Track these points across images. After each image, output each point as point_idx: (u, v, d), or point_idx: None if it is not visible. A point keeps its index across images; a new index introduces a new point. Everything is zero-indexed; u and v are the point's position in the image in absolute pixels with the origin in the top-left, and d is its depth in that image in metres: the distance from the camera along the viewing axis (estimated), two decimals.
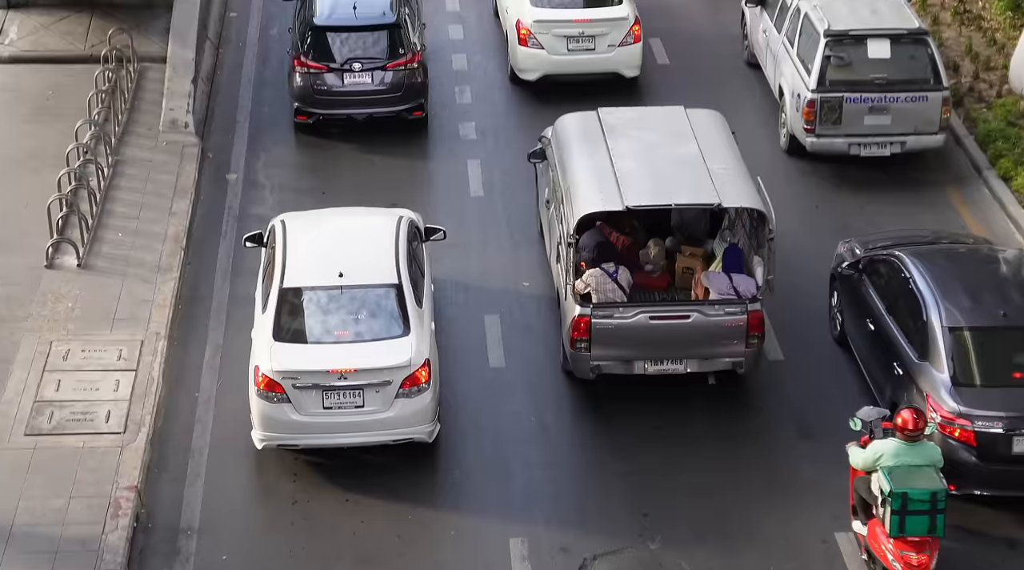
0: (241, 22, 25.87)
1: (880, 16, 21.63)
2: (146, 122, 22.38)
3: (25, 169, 21.01)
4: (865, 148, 21.17)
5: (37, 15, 24.72)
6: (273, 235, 17.05)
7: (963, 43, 24.57)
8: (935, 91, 20.99)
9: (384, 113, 22.22)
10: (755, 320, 16.44)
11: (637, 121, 18.57)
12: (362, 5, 22.53)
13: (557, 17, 23.24)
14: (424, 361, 15.60)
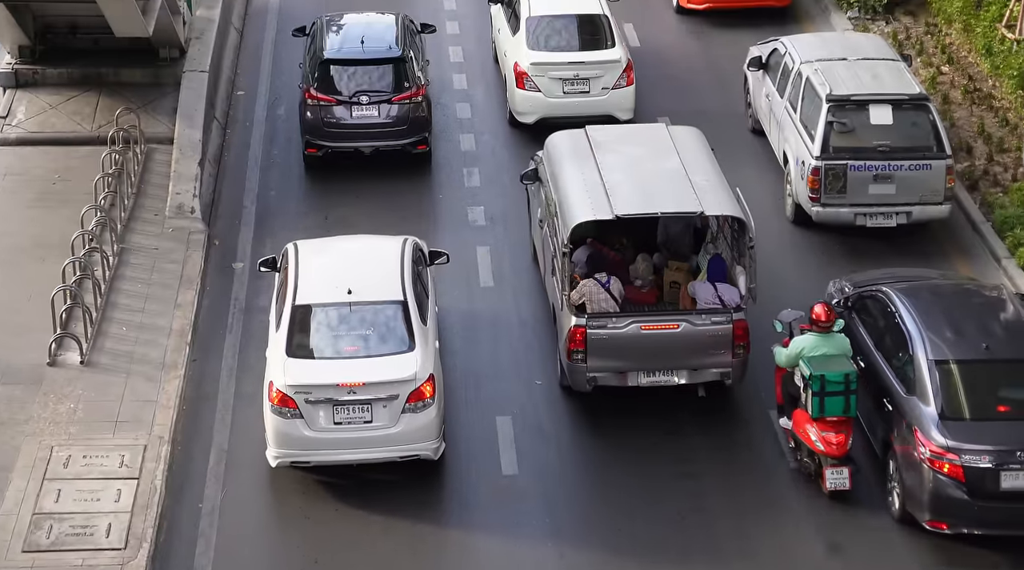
0: (248, 101, 25.74)
1: (881, 81, 21.63)
2: (152, 206, 22.23)
3: (30, 257, 20.86)
4: (871, 218, 21.08)
5: (45, 95, 24.60)
6: (286, 258, 18.10)
7: (975, 123, 24.33)
8: (939, 159, 20.94)
9: (390, 146, 23.08)
10: (740, 329, 17.38)
11: (623, 137, 20.03)
12: (369, 39, 23.50)
13: (553, 60, 24.03)
14: (429, 376, 16.54)
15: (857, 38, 24.74)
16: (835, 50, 22.80)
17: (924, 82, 25.15)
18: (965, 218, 22.02)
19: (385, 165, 23.21)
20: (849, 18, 27.86)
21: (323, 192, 22.91)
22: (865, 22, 27.81)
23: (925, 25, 27.50)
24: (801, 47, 22.93)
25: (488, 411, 18.21)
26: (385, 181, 22.80)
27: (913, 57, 25.43)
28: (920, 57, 26.43)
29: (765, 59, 23.65)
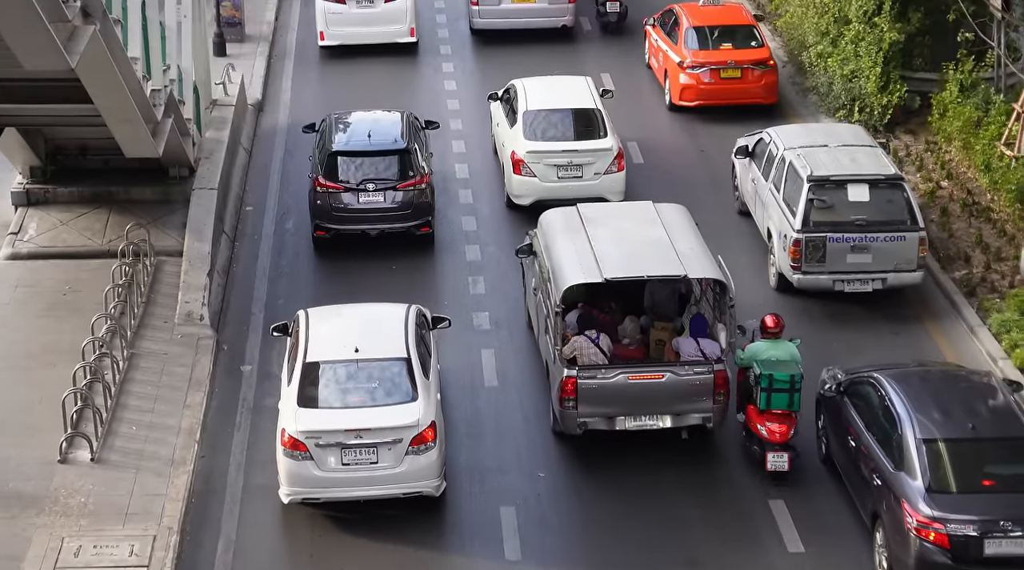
0: (257, 215, 26.18)
1: (859, 164, 23.12)
2: (162, 315, 22.52)
3: (41, 363, 21.10)
4: (849, 284, 22.55)
5: (56, 212, 25.05)
6: (297, 323, 19.35)
7: (973, 234, 24.71)
8: (912, 231, 22.41)
9: (395, 229, 24.36)
10: (720, 379, 18.72)
11: (612, 213, 21.58)
12: (376, 133, 24.95)
13: (548, 148, 25.48)
14: (431, 423, 17.73)
15: (838, 127, 26.13)
16: (817, 138, 24.41)
17: (923, 196, 25.86)
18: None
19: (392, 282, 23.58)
20: None
21: (332, 300, 23.14)
22: None
23: (925, 143, 28.00)
24: (785, 136, 24.48)
25: (492, 502, 18.41)
26: (392, 289, 23.11)
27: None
28: (920, 172, 26.93)
29: (751, 148, 25.14)
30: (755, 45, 30.12)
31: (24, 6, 15.46)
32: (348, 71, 32.74)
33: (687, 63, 29.66)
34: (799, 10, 30.60)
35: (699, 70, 29.54)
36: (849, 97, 28.25)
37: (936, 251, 24.18)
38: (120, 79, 19.94)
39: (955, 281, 23.34)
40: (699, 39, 29.97)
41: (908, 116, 28.93)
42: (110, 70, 19.50)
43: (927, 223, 24.77)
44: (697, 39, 29.96)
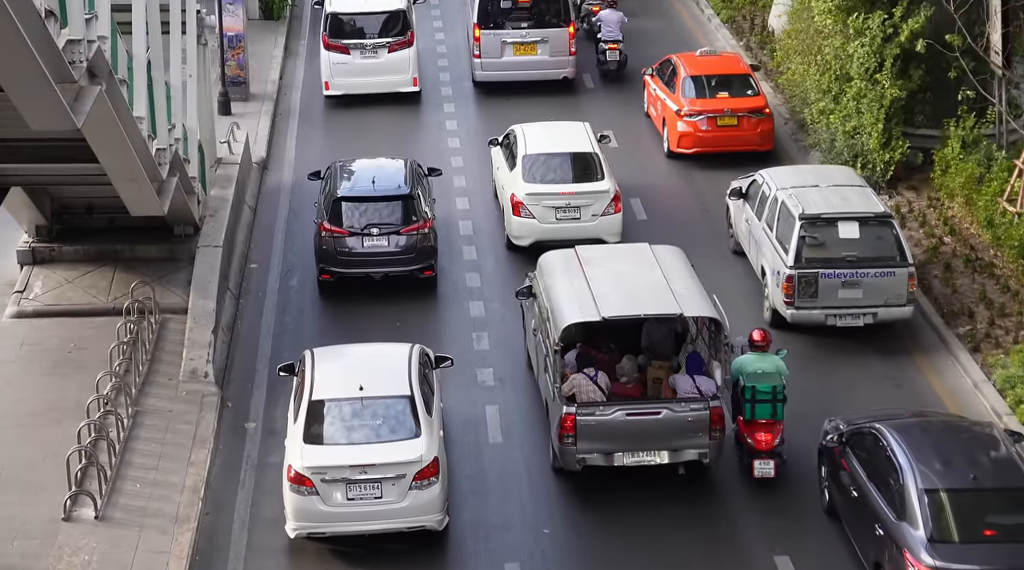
0: (262, 273, 26.29)
1: (849, 202, 23.88)
2: (167, 372, 22.59)
3: (46, 421, 21.15)
4: (840, 319, 23.25)
5: (62, 270, 25.17)
6: (303, 363, 19.80)
7: (977, 290, 24.75)
8: (901, 267, 23.15)
9: (398, 272, 24.92)
10: (716, 415, 19.18)
11: (609, 255, 22.21)
12: (380, 179, 25.57)
13: (547, 190, 26.19)
14: (433, 458, 18.21)
15: (828, 169, 26.84)
16: (808, 178, 25.12)
17: (926, 251, 26.02)
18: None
19: (395, 338, 23.36)
20: None
21: None
22: None
23: (928, 199, 28.08)
24: (777, 177, 25.19)
25: (497, 559, 18.44)
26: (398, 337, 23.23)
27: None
28: (923, 228, 27.02)
29: (745, 189, 25.86)
30: (751, 94, 30.74)
31: (31, 67, 15.59)
32: (352, 122, 33.05)
33: (684, 111, 30.31)
34: (800, 68, 30.79)
35: (696, 118, 30.21)
36: (851, 153, 28.37)
37: (940, 307, 24.27)
38: (126, 138, 20.08)
39: (959, 337, 23.39)
40: (696, 88, 30.60)
41: (910, 172, 29.02)
42: (116, 130, 19.65)
43: (930, 279, 25.03)
44: (694, 88, 30.58)
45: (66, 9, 16.64)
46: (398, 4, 34.26)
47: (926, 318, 24.09)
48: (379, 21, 34.09)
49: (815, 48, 30.25)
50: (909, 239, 26.30)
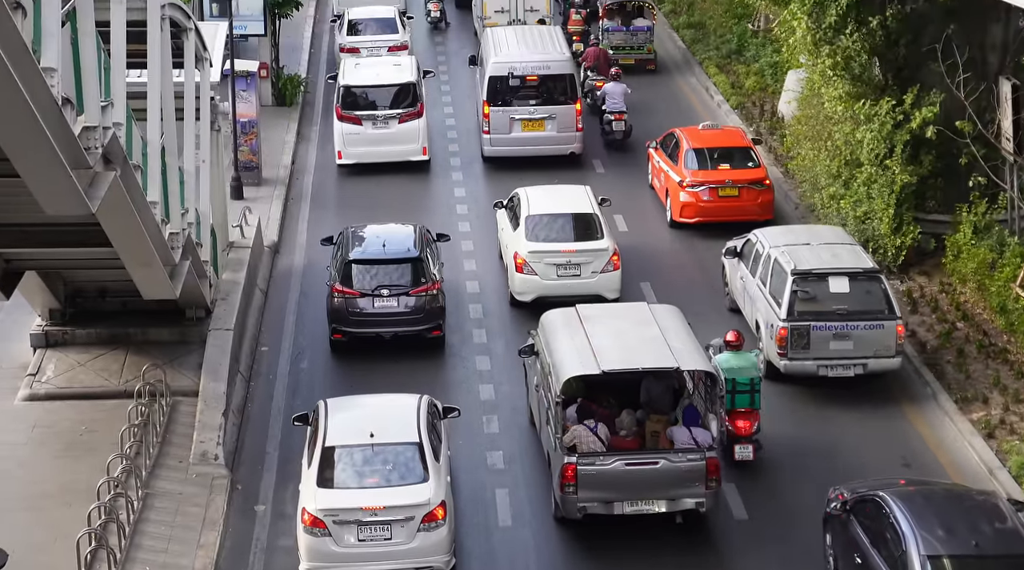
0: (272, 356, 26.37)
1: (839, 258, 24.85)
2: (177, 454, 22.60)
3: (57, 503, 21.14)
4: (832, 369, 24.14)
5: (74, 353, 25.25)
6: (317, 413, 20.71)
7: (991, 376, 24.72)
8: (890, 320, 24.03)
9: (407, 332, 25.77)
10: (712, 465, 19.90)
11: (608, 313, 23.08)
12: (390, 243, 26.57)
13: (548, 248, 27.33)
14: (440, 502, 19.06)
15: (819, 228, 27.81)
16: (800, 237, 26.15)
17: (939, 337, 26.07)
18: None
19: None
20: None
21: None
22: None
23: (940, 284, 28.12)
24: (770, 236, 26.27)
25: None
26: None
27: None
28: (935, 313, 27.06)
29: (739, 249, 26.90)
30: (752, 165, 31.64)
31: (47, 154, 15.74)
32: (363, 191, 34.02)
33: (687, 182, 31.20)
34: (811, 153, 30.98)
35: (698, 189, 31.10)
36: (862, 238, 28.47)
37: (953, 393, 24.23)
38: (139, 223, 20.24)
39: (973, 423, 23.31)
40: (698, 160, 31.54)
41: (922, 257, 29.10)
42: (130, 214, 19.81)
43: (943, 365, 25.02)
44: (696, 160, 31.53)
45: (83, 97, 16.85)
46: (408, 77, 35.65)
47: (939, 404, 24.05)
48: (390, 94, 35.43)
49: (825, 134, 30.51)
50: (922, 324, 26.46)
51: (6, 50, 13.78)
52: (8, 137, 15.38)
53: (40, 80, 14.96)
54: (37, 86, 14.89)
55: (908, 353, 25.35)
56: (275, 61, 40.96)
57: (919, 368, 25.06)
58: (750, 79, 40.45)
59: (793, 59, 33.75)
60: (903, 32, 28.85)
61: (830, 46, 29.09)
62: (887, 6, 28.71)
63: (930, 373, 24.79)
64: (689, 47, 44.61)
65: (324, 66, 44.58)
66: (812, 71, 30.98)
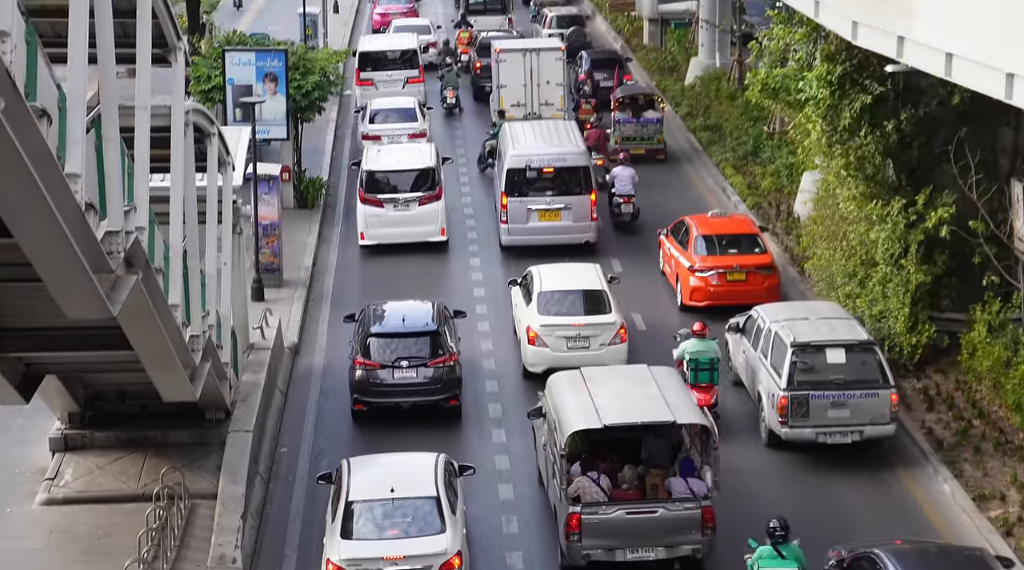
0: (291, 457, 26.46)
1: (836, 331, 26.02)
2: (195, 558, 22.57)
3: None
4: (830, 436, 25.26)
5: (93, 456, 25.31)
6: (340, 471, 22.03)
7: (1007, 473, 24.69)
8: (884, 389, 25.20)
9: (425, 402, 27.02)
10: (708, 514, 21.19)
11: (611, 374, 24.57)
12: (409, 318, 28.02)
13: (559, 322, 28.70)
14: (457, 551, 20.35)
15: (817, 304, 29.28)
16: (799, 312, 27.43)
17: (956, 434, 26.11)
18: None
19: None
20: None
21: None
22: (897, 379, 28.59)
23: (956, 382, 28.18)
24: (771, 312, 27.51)
25: None
26: None
27: None
28: (951, 411, 27.10)
29: (741, 325, 28.10)
30: (759, 251, 32.98)
31: (70, 258, 15.94)
32: (384, 272, 35.39)
33: (697, 267, 32.59)
34: (826, 253, 31.19)
35: (707, 273, 32.44)
36: (878, 337, 28.56)
37: (970, 490, 24.20)
38: (160, 326, 20.42)
39: (991, 521, 23.26)
40: (707, 246, 32.94)
41: (937, 355, 29.17)
42: (151, 318, 19.98)
43: (960, 462, 25.01)
44: (706, 246, 32.93)
45: (106, 202, 17.09)
46: (428, 162, 37.66)
47: (956, 501, 24.02)
48: (411, 178, 37.37)
49: (840, 234, 30.73)
50: (938, 422, 26.52)
51: (31, 157, 14.02)
52: (31, 242, 15.58)
53: (64, 186, 15.21)
54: (61, 192, 15.14)
55: (925, 450, 25.56)
56: (297, 164, 41.47)
57: (936, 467, 25.07)
58: (766, 180, 40.80)
59: (808, 161, 34.08)
60: (916, 134, 29.16)
61: (844, 148, 29.47)
62: (900, 109, 29.06)
63: (947, 470, 24.81)
64: (706, 149, 45.06)
65: (345, 171, 45.06)
66: (827, 172, 31.32)
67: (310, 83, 40.48)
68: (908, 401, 27.51)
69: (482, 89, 51.92)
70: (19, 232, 15.28)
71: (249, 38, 44.06)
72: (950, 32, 22.30)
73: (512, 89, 45.39)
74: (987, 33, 20.91)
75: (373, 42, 54.87)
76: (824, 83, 29.24)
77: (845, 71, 29.11)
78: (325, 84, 41.55)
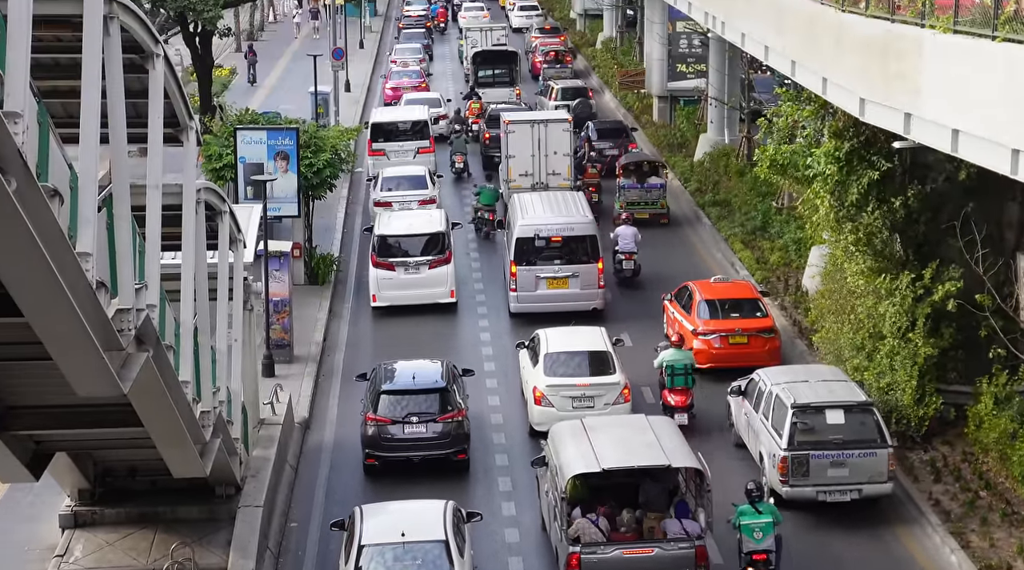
0: (301, 532, 26.47)
1: (835, 393, 26.74)
2: None
3: None
4: (830, 495, 25.87)
5: (103, 533, 25.31)
6: (353, 516, 22.92)
7: (1014, 545, 24.64)
8: (882, 448, 25.82)
9: (435, 456, 27.92)
10: (701, 553, 22.21)
11: (610, 423, 25.72)
12: (419, 375, 28.93)
13: (564, 383, 29.54)
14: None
15: (816, 367, 29.96)
16: (799, 375, 28.09)
17: (963, 506, 26.11)
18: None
19: None
20: None
21: None
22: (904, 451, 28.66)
23: (962, 454, 28.22)
24: (772, 375, 28.15)
25: None
26: None
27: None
28: (958, 482, 27.13)
29: (743, 388, 28.69)
30: (760, 315, 33.76)
31: (81, 336, 16.03)
32: (395, 333, 36.18)
33: (700, 330, 33.32)
34: (835, 326, 31.33)
35: (711, 336, 33.21)
36: (886, 409, 28.63)
37: (977, 561, 24.17)
38: (171, 403, 20.52)
39: None
40: (710, 310, 33.77)
41: (944, 427, 29.20)
42: (161, 395, 20.09)
43: (967, 533, 25.01)
44: (708, 310, 33.74)
45: (117, 279, 17.20)
46: (438, 227, 38.95)
47: None
48: (421, 242, 38.64)
49: (848, 307, 30.88)
50: (945, 493, 26.53)
51: (43, 237, 14.18)
52: (42, 321, 15.69)
53: (75, 265, 15.32)
54: (72, 271, 15.26)
55: (932, 521, 25.63)
56: (308, 241, 41.72)
57: (943, 537, 25.06)
58: (775, 254, 41.01)
59: (816, 235, 34.36)
60: (923, 209, 29.38)
61: (852, 223, 29.68)
62: (907, 185, 29.30)
63: (954, 541, 24.79)
64: (715, 224, 45.32)
65: (356, 247, 45.41)
66: (835, 247, 31.52)
67: (321, 161, 40.82)
68: (915, 473, 27.56)
69: (491, 158, 53.19)
70: (30, 311, 15.41)
71: (261, 116, 44.46)
72: (956, 109, 22.54)
73: (520, 159, 46.30)
74: (992, 110, 21.15)
75: (385, 114, 55.98)
76: (832, 159, 29.52)
77: (853, 147, 29.41)
78: (336, 162, 41.91)
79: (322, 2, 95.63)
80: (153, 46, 18.34)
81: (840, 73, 28.01)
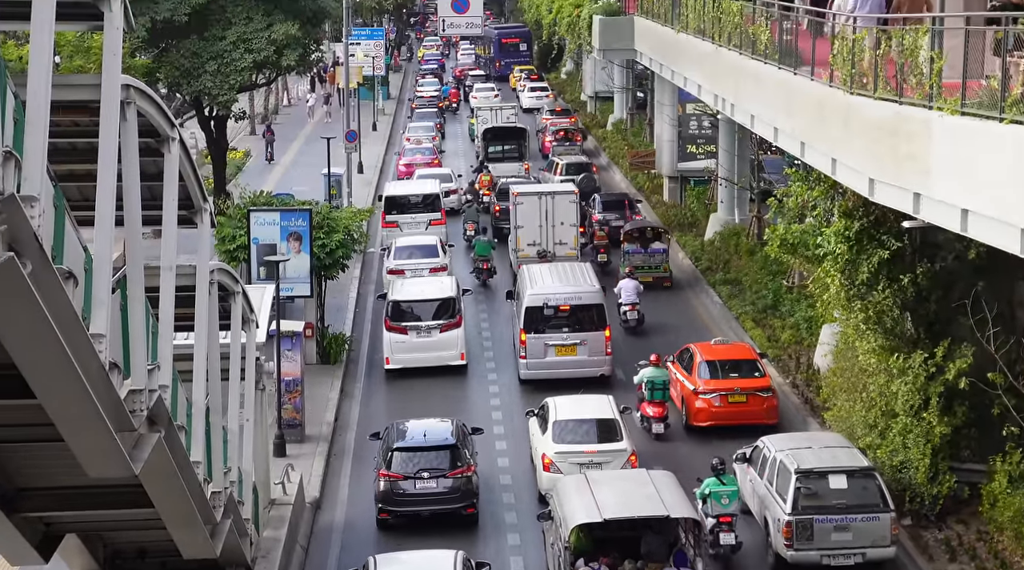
0: None
1: (838, 459, 27.28)
2: None
3: None
4: (834, 559, 26.27)
5: None
6: (367, 567, 23.98)
7: None
8: (884, 513, 26.32)
9: (445, 510, 29.00)
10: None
11: (613, 477, 27.20)
12: (430, 433, 30.15)
13: (572, 450, 30.12)
14: None
15: (820, 434, 31.05)
16: (802, 442, 28.75)
17: None
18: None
19: None
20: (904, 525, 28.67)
21: None
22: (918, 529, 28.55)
23: (977, 532, 28.09)
24: (776, 442, 28.71)
25: None
26: None
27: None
28: (974, 561, 27.01)
29: (748, 455, 29.24)
30: (758, 375, 34.98)
31: (92, 418, 16.04)
32: (407, 395, 36.87)
33: (700, 390, 34.63)
34: (847, 404, 31.31)
35: (711, 396, 34.47)
36: (899, 488, 28.55)
37: None
38: (182, 483, 20.50)
39: None
40: (711, 370, 35.03)
41: (959, 506, 29.08)
42: (173, 475, 20.07)
43: None
44: (709, 370, 35.00)
45: (130, 360, 17.26)
46: (449, 292, 40.36)
47: None
48: (433, 307, 39.98)
49: (860, 386, 30.88)
50: None
51: (57, 319, 14.25)
52: (54, 402, 15.72)
53: (89, 347, 15.39)
54: (85, 352, 15.32)
55: None
56: (320, 321, 41.85)
57: None
58: (786, 333, 41.04)
59: (827, 314, 34.42)
60: (934, 288, 29.44)
61: (863, 302, 29.73)
62: (917, 264, 29.36)
63: None
64: (726, 303, 45.41)
65: (368, 327, 45.51)
66: (846, 325, 31.57)
67: (334, 241, 41.04)
68: (930, 552, 27.44)
69: (500, 230, 54.32)
70: (43, 393, 15.44)
71: (274, 198, 44.76)
72: (965, 189, 22.64)
73: (528, 229, 47.76)
74: (1001, 190, 21.25)
75: (398, 187, 57.60)
76: (842, 238, 29.64)
77: (862, 227, 29.53)
78: (349, 242, 42.13)
79: (336, 86, 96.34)
80: (169, 130, 18.51)
81: (849, 154, 28.16)
